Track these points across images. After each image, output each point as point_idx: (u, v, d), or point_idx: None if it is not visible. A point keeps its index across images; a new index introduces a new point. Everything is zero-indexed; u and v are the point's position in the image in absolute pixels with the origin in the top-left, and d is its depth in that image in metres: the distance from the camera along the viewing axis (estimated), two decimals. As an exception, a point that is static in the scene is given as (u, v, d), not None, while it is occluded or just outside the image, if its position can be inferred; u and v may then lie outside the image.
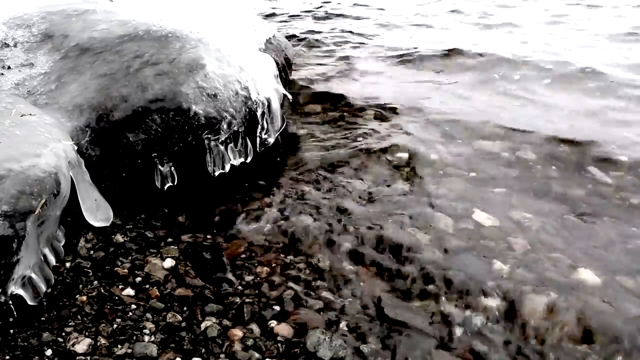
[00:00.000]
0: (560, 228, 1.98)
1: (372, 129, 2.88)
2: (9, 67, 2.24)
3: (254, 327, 1.55)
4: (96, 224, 1.85)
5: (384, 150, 2.59)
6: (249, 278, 1.76)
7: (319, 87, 3.52)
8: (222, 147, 2.15)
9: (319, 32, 5.09)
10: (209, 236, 1.97)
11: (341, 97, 3.32)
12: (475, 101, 3.27)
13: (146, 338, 1.45)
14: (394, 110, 3.13)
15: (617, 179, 2.32)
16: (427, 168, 2.45)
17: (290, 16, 5.98)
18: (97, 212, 1.85)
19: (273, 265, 1.82)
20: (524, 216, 2.05)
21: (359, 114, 3.12)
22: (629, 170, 2.37)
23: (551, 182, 2.30)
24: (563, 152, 2.54)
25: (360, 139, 2.76)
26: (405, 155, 2.55)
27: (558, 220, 2.03)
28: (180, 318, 1.54)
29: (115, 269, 1.71)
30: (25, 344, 1.38)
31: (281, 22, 5.73)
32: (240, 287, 1.71)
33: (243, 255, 1.87)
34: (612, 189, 2.25)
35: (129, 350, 1.40)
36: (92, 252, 1.78)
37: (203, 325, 1.52)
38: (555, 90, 3.41)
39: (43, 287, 1.52)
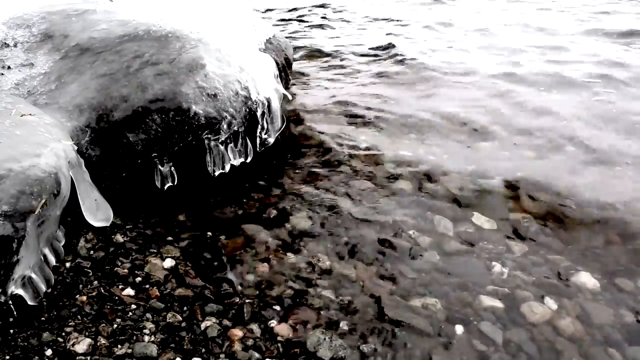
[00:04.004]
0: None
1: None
2: (9, 67, 2.24)
3: (254, 327, 1.54)
4: (96, 224, 1.85)
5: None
6: (249, 278, 1.76)
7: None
8: (222, 147, 2.15)
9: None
10: (209, 236, 1.97)
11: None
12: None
13: (146, 338, 1.45)
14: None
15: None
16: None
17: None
18: (97, 212, 1.85)
19: (273, 264, 1.82)
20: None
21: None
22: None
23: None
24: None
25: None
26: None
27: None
28: (180, 318, 1.54)
29: (115, 269, 1.71)
30: (25, 344, 1.38)
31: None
32: (240, 287, 1.71)
33: (243, 255, 1.87)
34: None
35: (129, 350, 1.40)
36: (92, 252, 1.77)
37: (203, 325, 1.52)
38: None
39: (43, 287, 1.52)
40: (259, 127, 2.33)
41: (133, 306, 1.56)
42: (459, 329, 1.56)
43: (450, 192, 2.25)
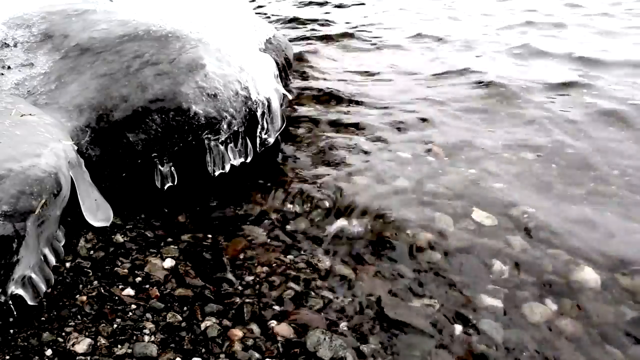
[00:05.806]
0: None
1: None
2: (9, 67, 2.24)
3: (254, 327, 1.55)
4: (96, 224, 1.85)
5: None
6: (249, 278, 1.76)
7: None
8: (222, 147, 2.15)
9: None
10: (209, 236, 1.97)
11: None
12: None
13: (146, 338, 1.45)
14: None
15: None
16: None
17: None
18: (97, 212, 1.85)
19: (273, 265, 1.82)
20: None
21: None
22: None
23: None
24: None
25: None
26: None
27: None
28: (180, 318, 1.54)
29: (115, 269, 1.71)
30: (25, 344, 1.38)
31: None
32: (240, 287, 1.71)
33: (243, 255, 1.87)
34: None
35: (129, 350, 1.40)
36: (92, 252, 1.78)
37: (203, 325, 1.52)
38: None
39: (43, 287, 1.52)
40: (259, 127, 2.33)
41: (133, 306, 1.56)
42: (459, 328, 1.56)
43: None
